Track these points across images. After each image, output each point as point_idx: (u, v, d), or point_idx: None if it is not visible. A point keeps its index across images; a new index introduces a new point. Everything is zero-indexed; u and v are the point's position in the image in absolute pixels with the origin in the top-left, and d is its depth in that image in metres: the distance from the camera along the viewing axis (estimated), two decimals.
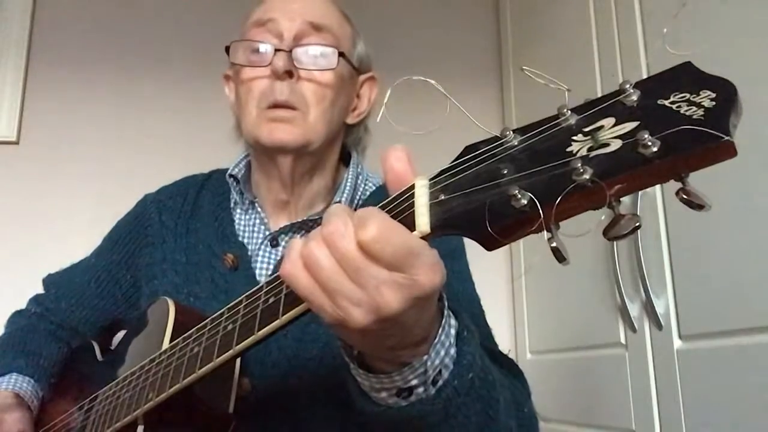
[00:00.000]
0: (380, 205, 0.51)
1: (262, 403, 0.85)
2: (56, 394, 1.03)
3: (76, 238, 1.36)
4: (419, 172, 0.50)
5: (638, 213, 1.48)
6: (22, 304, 1.16)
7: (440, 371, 0.56)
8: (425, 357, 0.54)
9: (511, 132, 0.44)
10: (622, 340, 1.57)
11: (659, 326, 1.42)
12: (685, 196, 0.37)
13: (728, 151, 0.35)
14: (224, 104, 1.05)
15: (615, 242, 1.56)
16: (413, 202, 0.48)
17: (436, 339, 0.55)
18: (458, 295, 0.92)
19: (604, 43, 1.73)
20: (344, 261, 0.46)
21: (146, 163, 2.08)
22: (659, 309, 1.42)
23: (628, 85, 0.39)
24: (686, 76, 0.39)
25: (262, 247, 0.97)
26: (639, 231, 1.23)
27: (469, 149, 0.47)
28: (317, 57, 0.91)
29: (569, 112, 0.42)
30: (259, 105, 0.90)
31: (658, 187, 1.45)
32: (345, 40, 0.96)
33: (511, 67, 2.34)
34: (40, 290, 1.16)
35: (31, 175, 2.06)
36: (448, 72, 2.32)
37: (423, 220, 0.46)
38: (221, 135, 1.06)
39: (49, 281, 1.15)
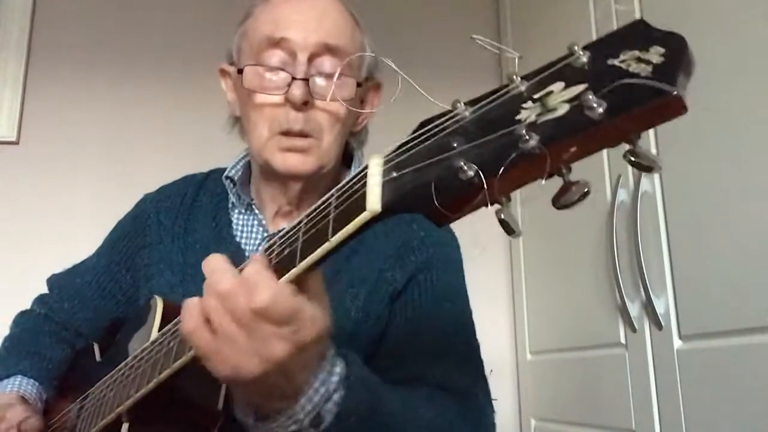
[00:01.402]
0: (337, 186, 0.51)
1: None
2: (59, 396, 1.03)
3: (76, 238, 1.36)
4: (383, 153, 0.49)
5: (638, 213, 1.47)
6: (21, 304, 1.16)
7: (319, 415, 0.60)
8: (295, 404, 0.58)
9: (462, 104, 0.43)
10: (622, 340, 1.56)
11: (659, 326, 1.41)
12: (632, 158, 0.35)
13: (676, 106, 0.33)
14: (225, 103, 1.04)
15: (615, 242, 1.54)
16: (366, 181, 0.47)
17: (307, 386, 0.59)
18: (443, 312, 0.91)
19: None
20: (240, 319, 0.53)
21: (146, 163, 2.08)
22: (659, 309, 1.40)
23: (576, 47, 0.38)
24: (637, 34, 0.37)
25: (260, 248, 0.96)
26: (639, 231, 1.22)
27: (423, 124, 0.46)
28: (334, 87, 0.88)
29: (519, 79, 0.40)
30: (271, 129, 0.88)
31: (658, 186, 1.44)
32: (357, 58, 0.94)
33: (510, 65, 2.32)
34: (41, 290, 1.16)
35: (31, 175, 2.07)
36: (448, 72, 2.31)
37: (374, 199, 0.45)
38: (222, 134, 1.05)
39: (53, 281, 1.15)
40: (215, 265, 0.57)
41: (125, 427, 0.79)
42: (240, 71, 0.90)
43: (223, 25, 1.01)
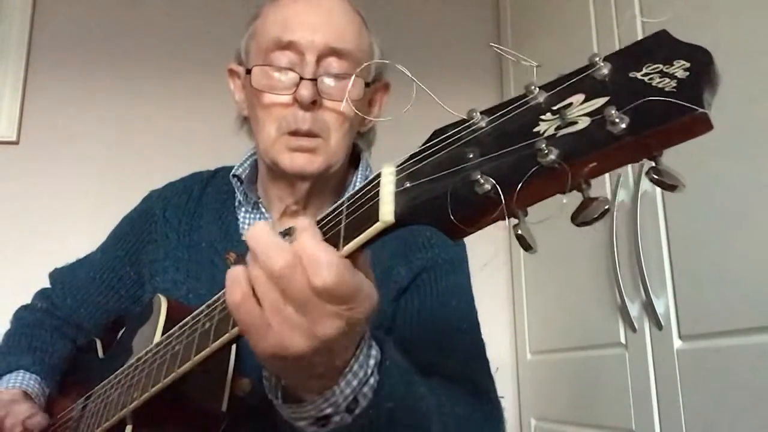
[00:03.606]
0: (349, 194, 0.50)
1: (262, 403, 0.83)
2: (60, 392, 1.02)
3: (76, 238, 1.35)
4: (395, 161, 0.48)
5: (638, 213, 1.47)
6: (21, 304, 1.15)
7: (355, 399, 0.57)
8: (334, 387, 0.55)
9: (479, 113, 0.42)
10: (622, 340, 1.56)
11: (659, 326, 1.41)
12: (656, 176, 0.34)
13: (702, 124, 0.32)
14: (225, 103, 1.04)
15: (615, 242, 1.54)
16: (379, 191, 0.46)
17: (347, 368, 0.56)
18: (449, 310, 0.91)
19: (604, 42, 1.72)
20: (294, 298, 0.48)
21: (146, 163, 2.08)
22: (659, 309, 1.41)
23: (597, 59, 0.36)
24: (660, 46, 0.36)
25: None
26: (639, 231, 1.21)
27: (437, 133, 0.45)
28: (342, 87, 0.89)
29: (537, 89, 0.39)
30: (279, 129, 0.88)
31: (657, 186, 1.43)
32: (365, 58, 0.94)
33: (511, 66, 2.33)
34: (42, 288, 1.15)
35: (31, 175, 2.06)
36: (448, 70, 2.31)
37: (387, 210, 0.44)
38: (222, 134, 1.05)
39: (55, 276, 1.14)
40: (261, 236, 0.50)
41: (129, 429, 0.78)
42: (248, 71, 0.91)
43: (224, 24, 1.01)
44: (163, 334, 0.79)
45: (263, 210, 0.99)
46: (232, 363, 0.81)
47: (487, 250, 2.20)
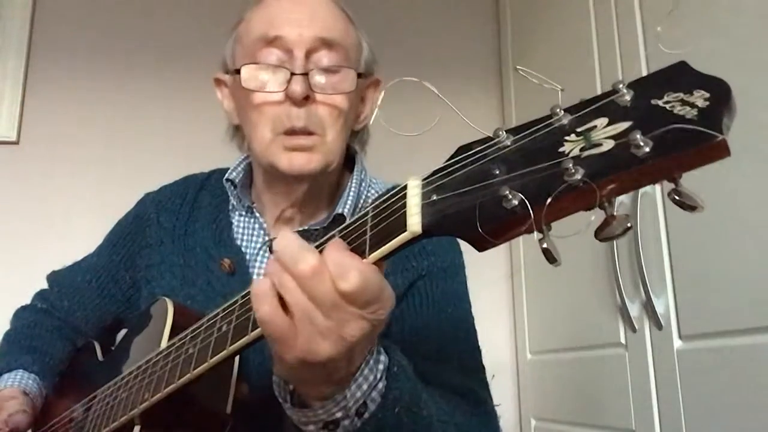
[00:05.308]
0: (373, 204, 0.52)
1: (260, 406, 0.84)
2: (59, 393, 1.03)
3: (76, 238, 1.36)
4: (415, 173, 0.50)
5: (638, 213, 1.48)
6: (21, 304, 1.16)
7: (365, 404, 0.58)
8: (345, 390, 0.57)
9: (504, 132, 0.44)
10: (622, 340, 1.57)
11: (659, 326, 1.41)
12: (677, 197, 0.36)
13: (721, 150, 0.34)
14: None
15: (615, 242, 1.55)
16: (405, 202, 0.48)
17: (358, 373, 0.57)
18: (445, 317, 0.91)
19: (604, 44, 1.73)
20: (322, 302, 0.50)
21: (146, 163, 2.08)
22: (659, 309, 1.41)
23: (621, 85, 0.39)
24: (680, 76, 0.38)
25: (261, 252, 0.96)
26: (639, 231, 1.21)
27: (462, 149, 0.47)
28: (335, 80, 0.88)
29: (562, 111, 0.41)
30: (274, 130, 0.87)
31: (658, 187, 1.44)
32: (354, 51, 0.93)
33: (510, 68, 2.33)
34: (41, 290, 1.16)
35: (31, 175, 2.07)
36: (448, 73, 2.32)
37: (415, 221, 0.46)
38: (221, 135, 1.05)
39: (53, 279, 1.15)
40: (289, 243, 0.52)
41: (137, 429, 0.79)
42: (237, 71, 0.89)
43: (224, 24, 1.01)
44: (170, 336, 0.80)
45: (257, 215, 0.98)
46: (236, 365, 0.82)
47: (494, 265, 2.22)
